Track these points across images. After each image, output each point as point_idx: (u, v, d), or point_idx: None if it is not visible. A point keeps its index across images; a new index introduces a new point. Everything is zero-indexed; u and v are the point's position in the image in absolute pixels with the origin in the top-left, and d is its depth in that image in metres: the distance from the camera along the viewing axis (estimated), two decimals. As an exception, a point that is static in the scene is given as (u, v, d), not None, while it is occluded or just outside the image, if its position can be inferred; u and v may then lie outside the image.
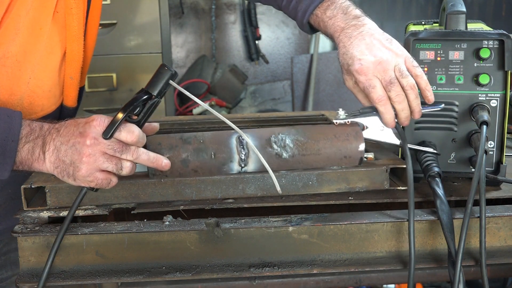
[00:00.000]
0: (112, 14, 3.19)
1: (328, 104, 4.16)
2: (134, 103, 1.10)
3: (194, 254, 1.17)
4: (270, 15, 4.07)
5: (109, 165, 1.10)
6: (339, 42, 1.26)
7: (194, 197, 1.25)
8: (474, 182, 1.15)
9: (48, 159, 1.11)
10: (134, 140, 1.10)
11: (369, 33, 1.24)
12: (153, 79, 1.11)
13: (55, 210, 1.23)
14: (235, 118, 1.81)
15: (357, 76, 1.22)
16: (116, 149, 1.09)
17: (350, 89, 1.30)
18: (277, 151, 1.25)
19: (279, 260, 1.18)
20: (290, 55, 4.14)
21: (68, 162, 1.10)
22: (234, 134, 1.25)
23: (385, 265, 1.20)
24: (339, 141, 1.26)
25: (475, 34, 1.30)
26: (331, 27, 1.29)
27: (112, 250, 1.16)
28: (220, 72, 3.90)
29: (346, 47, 1.24)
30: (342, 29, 1.27)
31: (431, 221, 1.19)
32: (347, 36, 1.25)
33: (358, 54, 1.22)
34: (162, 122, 1.57)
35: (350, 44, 1.24)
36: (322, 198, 1.26)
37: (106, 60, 3.24)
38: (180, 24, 3.99)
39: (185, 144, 1.23)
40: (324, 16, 1.31)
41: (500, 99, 1.30)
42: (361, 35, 1.24)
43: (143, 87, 1.12)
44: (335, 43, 1.28)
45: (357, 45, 1.23)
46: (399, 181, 1.31)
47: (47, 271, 1.12)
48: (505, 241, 1.22)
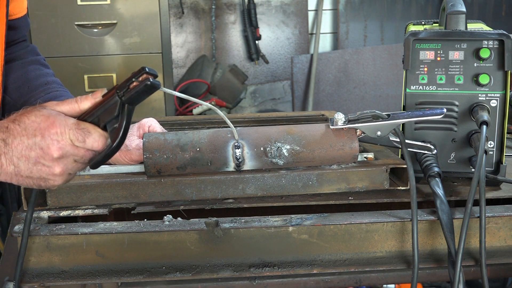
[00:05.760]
0: (112, 14, 3.20)
1: (328, 104, 4.16)
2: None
3: (194, 254, 1.17)
4: (270, 15, 4.07)
5: (80, 165, 1.05)
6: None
7: (194, 197, 1.25)
8: (474, 182, 1.15)
9: (3, 174, 1.02)
10: (100, 147, 1.03)
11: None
12: (136, 91, 0.99)
13: (55, 210, 1.23)
14: (235, 118, 1.81)
15: None
16: (82, 155, 1.03)
17: None
18: (272, 160, 1.26)
19: (279, 260, 1.18)
20: (290, 55, 4.14)
21: (36, 177, 1.03)
22: (230, 141, 1.25)
23: (385, 265, 1.20)
24: (334, 151, 1.26)
25: (475, 34, 1.30)
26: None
27: (112, 250, 1.16)
28: (220, 72, 3.90)
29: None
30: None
31: (431, 221, 1.19)
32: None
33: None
34: (162, 122, 1.57)
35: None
36: (322, 198, 1.26)
37: (106, 60, 3.25)
38: (180, 24, 3.99)
39: (182, 152, 1.24)
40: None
41: (500, 99, 1.30)
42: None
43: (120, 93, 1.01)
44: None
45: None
46: (399, 181, 1.31)
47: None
48: (505, 241, 1.22)
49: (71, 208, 1.24)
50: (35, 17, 3.09)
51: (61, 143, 1.00)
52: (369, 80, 4.18)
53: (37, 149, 1.00)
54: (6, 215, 2.52)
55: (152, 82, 0.98)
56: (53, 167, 1.01)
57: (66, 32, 3.18)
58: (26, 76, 1.48)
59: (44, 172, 1.02)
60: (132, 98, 0.99)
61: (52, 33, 3.17)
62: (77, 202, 1.24)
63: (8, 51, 1.44)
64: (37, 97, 1.43)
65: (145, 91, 0.99)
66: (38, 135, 1.00)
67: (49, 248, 1.15)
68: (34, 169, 1.01)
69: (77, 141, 1.01)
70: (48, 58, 1.66)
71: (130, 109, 1.00)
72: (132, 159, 1.33)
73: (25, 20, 1.53)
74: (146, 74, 0.98)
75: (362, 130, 1.27)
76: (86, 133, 1.01)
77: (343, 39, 4.17)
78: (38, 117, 1.01)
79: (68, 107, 1.04)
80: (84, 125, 1.02)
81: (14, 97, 1.46)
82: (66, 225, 1.17)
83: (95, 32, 3.21)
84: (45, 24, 3.15)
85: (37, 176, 1.02)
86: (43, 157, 1.00)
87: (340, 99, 4.18)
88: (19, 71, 1.49)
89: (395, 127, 1.25)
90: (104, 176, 1.26)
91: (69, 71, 3.19)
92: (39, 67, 1.53)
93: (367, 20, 4.17)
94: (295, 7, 4.09)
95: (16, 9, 1.47)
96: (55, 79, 1.52)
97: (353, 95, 4.18)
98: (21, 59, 1.52)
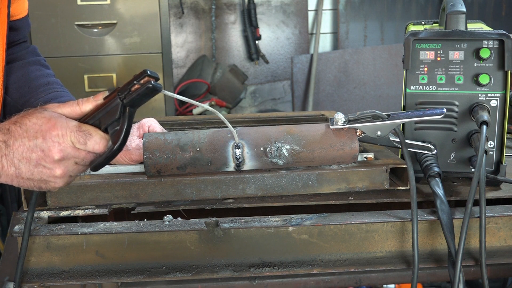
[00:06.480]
0: (112, 14, 3.20)
1: (328, 104, 4.17)
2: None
3: (194, 254, 1.17)
4: (270, 15, 4.07)
5: (81, 168, 1.05)
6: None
7: (194, 197, 1.25)
8: (474, 182, 1.15)
9: (4, 176, 1.02)
10: (101, 150, 1.03)
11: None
12: (138, 94, 1.00)
13: (55, 210, 1.23)
14: (235, 118, 1.81)
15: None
16: (83, 157, 1.03)
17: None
18: (272, 160, 1.26)
19: (279, 260, 1.18)
20: (290, 55, 4.14)
21: (37, 179, 1.03)
22: (230, 141, 1.25)
23: (385, 265, 1.20)
24: (334, 151, 1.26)
25: (475, 34, 1.30)
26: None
27: (112, 250, 1.16)
28: (220, 72, 3.90)
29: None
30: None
31: (431, 221, 1.19)
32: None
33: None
34: (162, 122, 1.57)
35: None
36: (322, 198, 1.26)
37: (106, 60, 3.25)
38: (180, 24, 3.99)
39: (182, 152, 1.24)
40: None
41: (500, 99, 1.30)
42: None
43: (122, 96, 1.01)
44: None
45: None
46: (399, 181, 1.31)
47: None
48: (505, 241, 1.22)
49: (71, 208, 1.24)
50: (35, 17, 3.09)
51: (62, 145, 1.00)
52: (369, 80, 4.18)
53: (38, 151, 1.00)
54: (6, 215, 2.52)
55: (154, 85, 0.98)
56: (54, 169, 1.02)
57: (66, 32, 3.18)
58: (27, 76, 1.49)
59: (45, 174, 1.02)
60: (133, 101, 1.00)
61: (52, 33, 3.17)
62: (77, 202, 1.24)
63: (9, 51, 1.44)
64: (38, 97, 1.43)
65: (146, 94, 0.99)
66: (39, 137, 1.00)
67: (49, 248, 1.15)
68: (35, 171, 1.01)
69: (78, 143, 1.01)
70: (48, 58, 1.66)
71: (131, 111, 1.01)
72: (132, 159, 1.33)
73: (26, 21, 1.53)
74: (148, 77, 0.99)
75: (362, 130, 1.27)
76: (87, 135, 1.01)
77: (343, 39, 4.17)
78: (39, 119, 1.01)
79: (70, 109, 1.04)
80: (86, 127, 1.02)
81: (15, 97, 1.47)
82: (66, 225, 1.17)
83: (95, 32, 3.21)
84: (45, 24, 3.15)
85: (38, 178, 1.03)
86: (44, 159, 1.00)
87: (340, 99, 4.18)
88: (20, 71, 1.49)
89: (395, 127, 1.25)
90: (104, 176, 1.26)
91: (69, 71, 3.19)
92: (40, 67, 1.54)
93: (367, 20, 4.17)
94: (295, 7, 4.09)
95: (17, 10, 1.47)
96: (55, 80, 1.52)
97: (353, 95, 4.18)
98: (22, 60, 1.53)
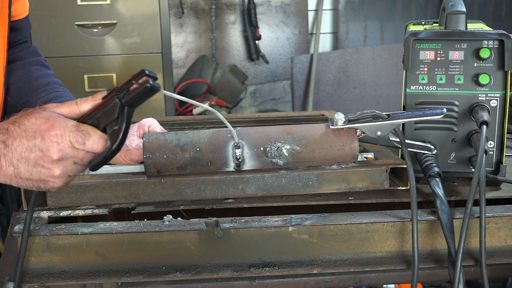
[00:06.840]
0: (112, 14, 3.20)
1: (328, 104, 4.16)
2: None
3: (194, 254, 1.17)
4: (270, 15, 4.07)
5: (80, 167, 1.05)
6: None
7: (194, 197, 1.25)
8: (474, 182, 1.15)
9: (3, 176, 1.02)
10: (100, 149, 1.03)
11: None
12: (136, 93, 0.99)
13: (55, 210, 1.23)
14: (235, 118, 1.81)
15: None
16: (82, 157, 1.03)
17: None
18: (272, 160, 1.26)
19: (279, 260, 1.18)
20: (290, 55, 4.14)
21: (36, 179, 1.03)
22: (230, 141, 1.25)
23: (385, 265, 1.20)
24: (334, 151, 1.26)
25: (475, 34, 1.30)
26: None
27: (112, 250, 1.16)
28: (220, 72, 3.90)
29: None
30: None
31: (431, 221, 1.19)
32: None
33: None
34: (162, 122, 1.57)
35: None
36: (322, 198, 1.26)
37: (106, 60, 3.25)
38: (180, 24, 3.99)
39: (182, 152, 1.24)
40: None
41: (500, 99, 1.30)
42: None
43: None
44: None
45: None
46: (399, 181, 1.31)
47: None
48: (505, 241, 1.22)
49: (71, 208, 1.24)
50: (35, 17, 3.08)
51: (61, 145, 1.00)
52: (369, 80, 4.18)
53: (36, 151, 1.00)
54: (6, 215, 2.52)
55: (152, 85, 0.98)
56: (53, 169, 1.01)
57: (66, 32, 3.18)
58: (27, 76, 1.49)
59: (43, 174, 1.02)
60: (132, 101, 0.99)
61: (52, 33, 3.17)
62: (77, 202, 1.24)
63: (9, 52, 1.44)
64: (38, 97, 1.43)
65: (145, 93, 0.99)
66: (38, 137, 1.00)
67: (49, 248, 1.15)
68: (33, 171, 1.01)
69: (76, 143, 1.01)
70: (48, 58, 1.66)
71: (130, 111, 1.01)
72: (132, 159, 1.33)
73: (27, 21, 1.53)
74: (146, 77, 0.98)
75: (362, 130, 1.27)
76: (86, 135, 1.01)
77: (343, 39, 4.17)
78: (38, 119, 1.01)
79: (68, 109, 1.04)
80: (84, 127, 1.02)
81: (15, 97, 1.47)
82: (66, 225, 1.17)
83: (95, 32, 3.21)
84: (45, 24, 3.15)
85: (36, 178, 1.02)
86: (43, 159, 1.00)
87: (340, 99, 4.18)
88: (21, 71, 1.50)
89: (395, 127, 1.25)
90: (104, 176, 1.26)
91: (69, 71, 3.19)
92: (40, 67, 1.54)
93: (367, 20, 4.17)
94: (295, 7, 4.09)
95: (18, 10, 1.47)
96: (55, 80, 1.52)
97: (353, 95, 4.18)
98: (23, 60, 1.53)
